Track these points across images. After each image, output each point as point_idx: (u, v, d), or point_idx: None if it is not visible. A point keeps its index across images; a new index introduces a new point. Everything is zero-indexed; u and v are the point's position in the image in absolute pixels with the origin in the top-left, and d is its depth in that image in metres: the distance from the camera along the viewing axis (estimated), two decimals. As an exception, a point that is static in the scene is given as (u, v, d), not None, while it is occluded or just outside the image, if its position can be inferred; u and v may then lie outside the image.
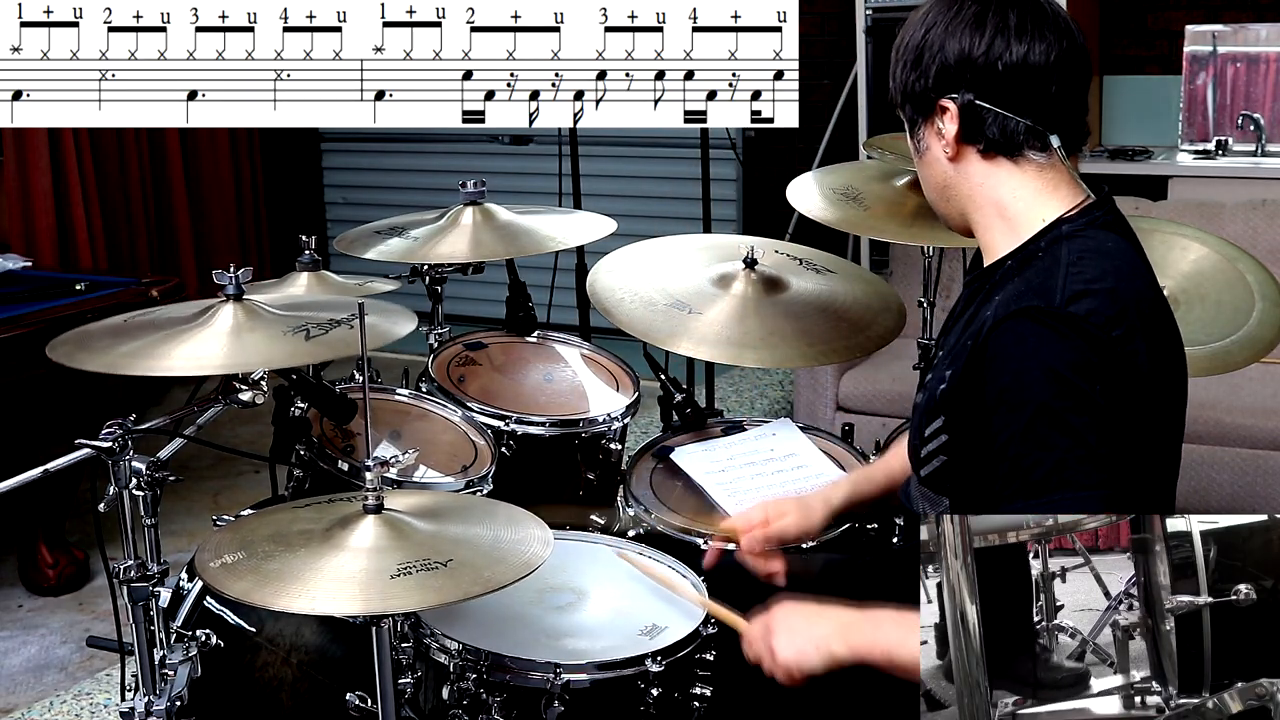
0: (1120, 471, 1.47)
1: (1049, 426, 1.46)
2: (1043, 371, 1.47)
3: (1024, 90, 1.57)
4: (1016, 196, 1.62)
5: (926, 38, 1.60)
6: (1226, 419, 3.49)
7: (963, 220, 1.70)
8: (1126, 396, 1.49)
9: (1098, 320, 1.48)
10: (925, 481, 1.68)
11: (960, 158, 1.63)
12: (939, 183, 1.69)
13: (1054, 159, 1.61)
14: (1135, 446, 1.51)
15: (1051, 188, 1.62)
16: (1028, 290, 1.53)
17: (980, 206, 1.65)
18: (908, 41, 1.64)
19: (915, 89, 1.63)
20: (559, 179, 3.91)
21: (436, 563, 1.57)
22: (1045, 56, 1.56)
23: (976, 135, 1.60)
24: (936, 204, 1.73)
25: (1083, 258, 1.55)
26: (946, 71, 1.59)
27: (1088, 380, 1.46)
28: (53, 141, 4.65)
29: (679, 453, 2.43)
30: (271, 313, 1.93)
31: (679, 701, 1.87)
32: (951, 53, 1.58)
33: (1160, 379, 1.55)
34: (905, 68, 1.64)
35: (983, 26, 1.57)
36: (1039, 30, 1.56)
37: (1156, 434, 1.57)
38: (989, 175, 1.63)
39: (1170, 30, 4.56)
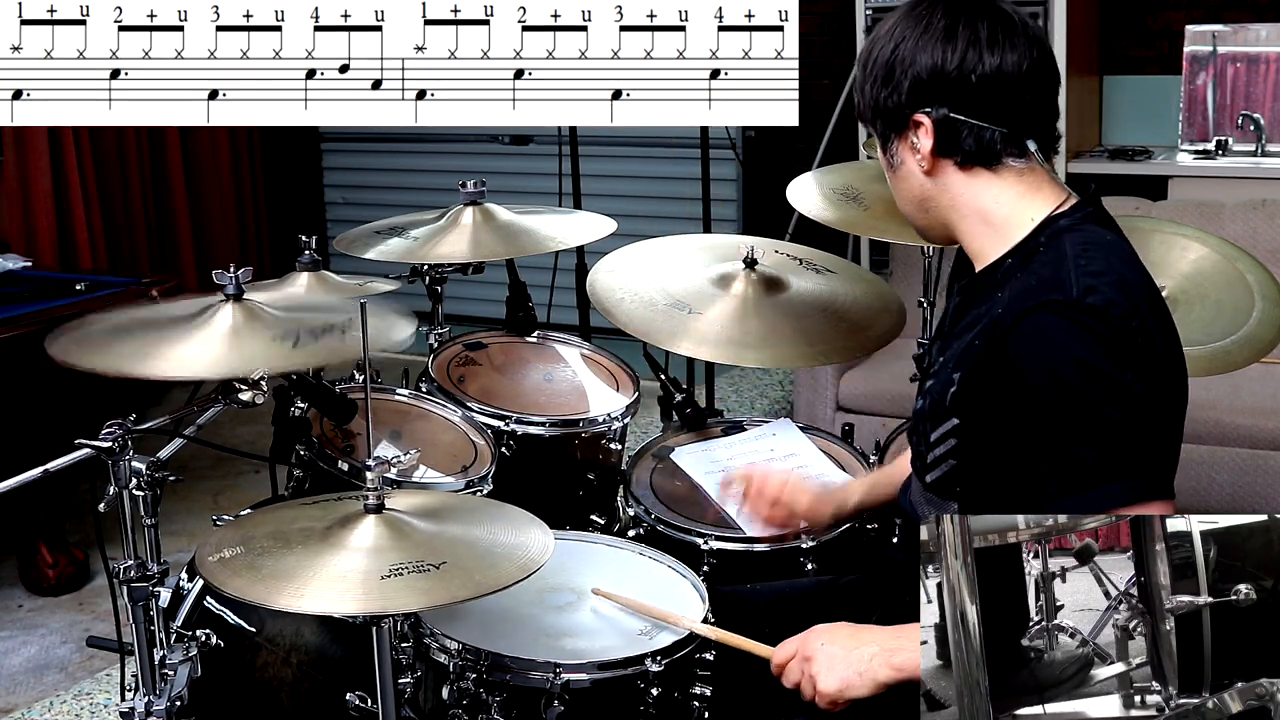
0: (1156, 456, 1.48)
1: (1089, 418, 1.46)
2: (1074, 364, 1.46)
3: (999, 100, 1.57)
4: (1000, 202, 1.62)
5: (897, 52, 1.59)
6: (1226, 419, 3.49)
7: (944, 231, 1.69)
8: (1150, 385, 1.49)
9: (1118, 311, 1.48)
10: (931, 487, 1.67)
11: (936, 171, 1.63)
12: (916, 196, 1.68)
13: (1033, 163, 1.62)
14: (1165, 432, 1.51)
15: (1034, 189, 1.62)
16: (1039, 284, 1.52)
17: (964, 216, 1.65)
18: (876, 57, 1.62)
19: (888, 105, 1.62)
20: (559, 179, 3.91)
21: (429, 564, 1.57)
22: (1018, 66, 1.56)
23: (952, 148, 1.60)
24: (914, 217, 1.72)
25: (1087, 250, 1.55)
26: (920, 86, 1.58)
27: (1119, 368, 1.46)
28: (53, 141, 4.65)
29: (679, 453, 2.43)
30: (271, 313, 1.93)
31: (679, 701, 1.86)
32: (924, 67, 1.57)
33: (1172, 371, 1.55)
34: (876, 84, 1.63)
35: (954, 39, 1.56)
36: (1010, 40, 1.56)
37: (1170, 425, 1.57)
38: (968, 186, 1.63)
39: (1170, 30, 4.55)
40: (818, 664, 1.65)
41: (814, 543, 2.18)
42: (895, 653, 1.60)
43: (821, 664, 1.64)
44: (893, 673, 1.60)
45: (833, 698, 1.63)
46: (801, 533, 2.14)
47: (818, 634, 1.68)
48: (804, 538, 2.18)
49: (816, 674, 1.64)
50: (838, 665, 1.63)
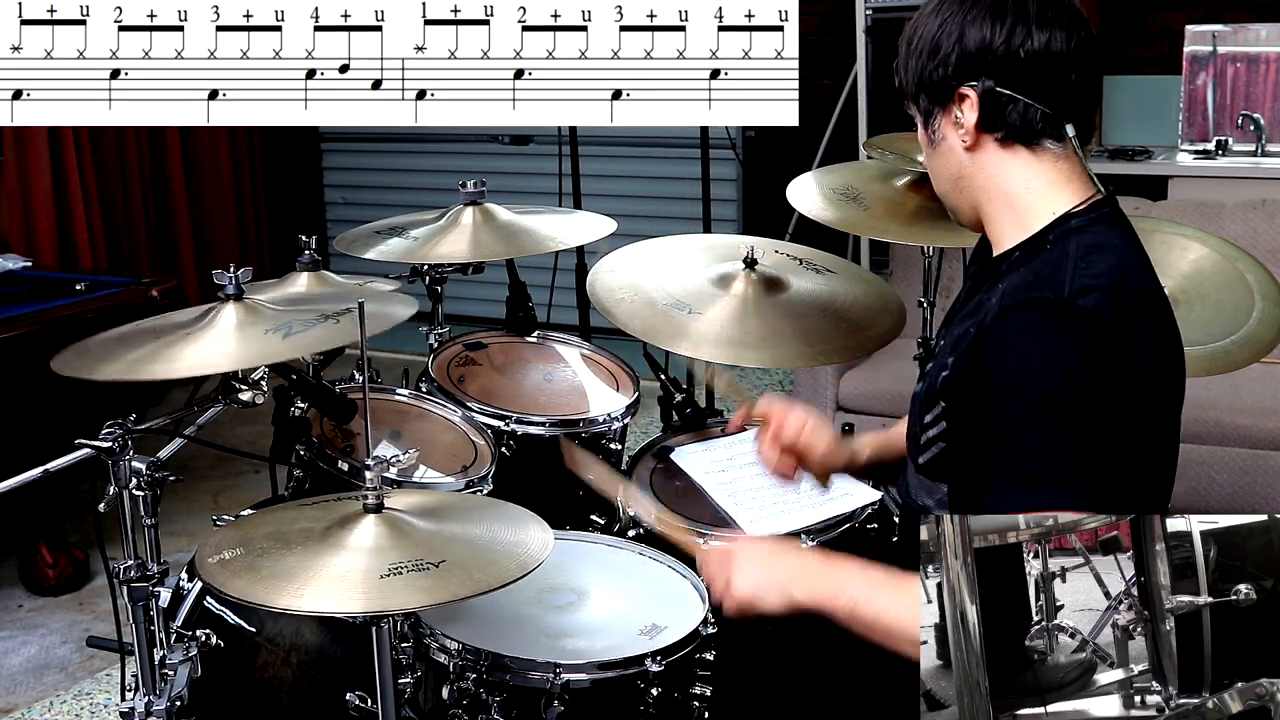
0: (1108, 469, 1.47)
1: (1049, 418, 1.46)
2: (1048, 363, 1.47)
3: (1044, 78, 1.58)
4: (1029, 188, 1.63)
5: (945, 27, 1.61)
6: (1226, 419, 3.49)
7: (973, 213, 1.70)
8: (1127, 392, 1.49)
9: (1105, 315, 1.49)
10: (923, 469, 1.68)
11: (977, 146, 1.63)
12: (953, 173, 1.69)
13: (1069, 149, 1.62)
14: (1132, 443, 1.51)
15: (1064, 180, 1.63)
16: (1035, 280, 1.54)
17: (993, 198, 1.66)
18: (921, 33, 1.64)
19: (933, 78, 1.63)
20: (559, 179, 3.92)
21: (428, 563, 1.57)
22: (1066, 45, 1.57)
23: (996, 123, 1.61)
24: (948, 196, 1.72)
25: (1091, 252, 1.55)
26: (967, 59, 1.59)
27: (1091, 374, 1.47)
28: (53, 141, 4.65)
29: (679, 453, 2.43)
30: (272, 310, 1.93)
31: (679, 701, 1.87)
32: (972, 41, 1.59)
33: (1161, 377, 1.56)
34: (920, 58, 1.64)
35: (1003, 15, 1.58)
36: (1059, 19, 1.58)
37: (1155, 431, 1.57)
38: (1004, 164, 1.63)
39: (1170, 30, 4.55)
40: (737, 567, 1.64)
41: (814, 542, 2.18)
42: (816, 576, 1.59)
43: (741, 568, 1.64)
44: (808, 594, 1.58)
45: (743, 601, 1.62)
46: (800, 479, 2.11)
47: (748, 543, 1.68)
48: (804, 538, 2.18)
49: (733, 576, 1.64)
50: (757, 572, 1.63)
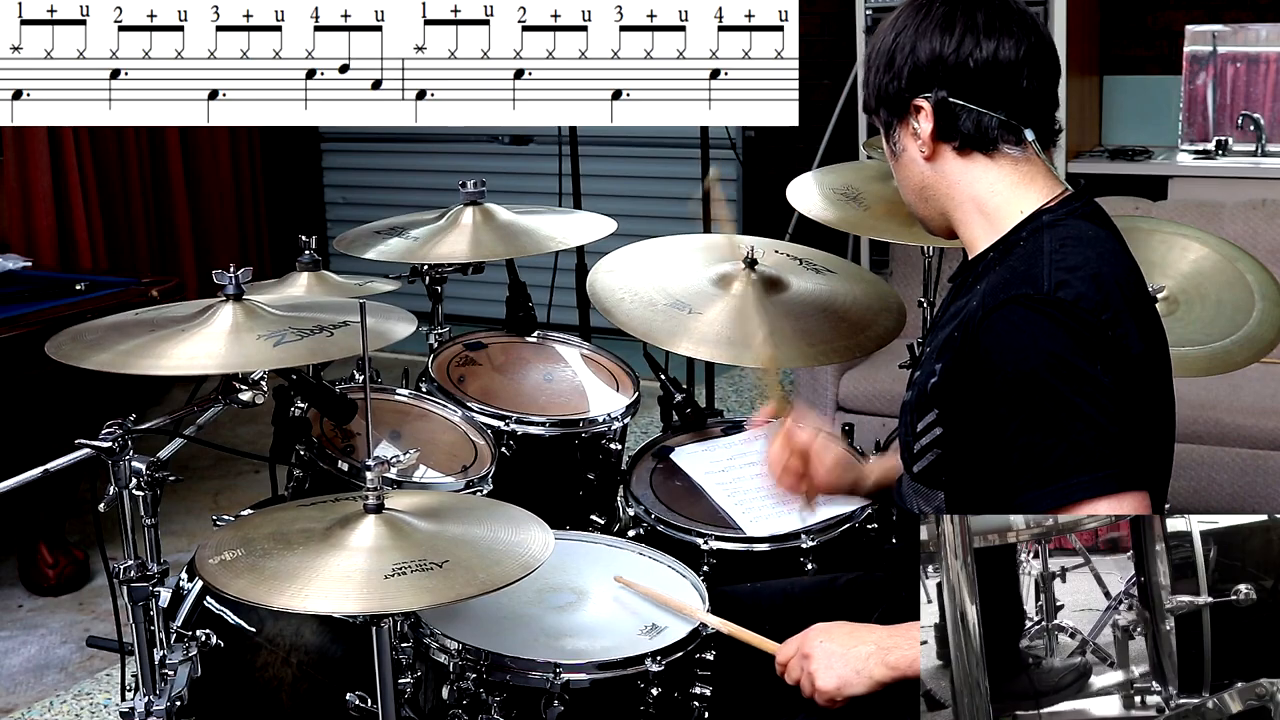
0: (1129, 449, 1.48)
1: (1057, 411, 1.47)
2: (1043, 357, 1.48)
3: (995, 85, 1.61)
4: (994, 191, 1.65)
5: (898, 41, 1.64)
6: (1226, 419, 3.49)
7: (943, 220, 1.72)
8: (1122, 379, 1.50)
9: (1087, 305, 1.50)
10: (918, 478, 1.69)
11: (936, 156, 1.66)
12: (917, 184, 1.71)
13: (1029, 152, 1.64)
14: (1135, 427, 1.52)
15: (1028, 180, 1.64)
16: (1013, 278, 1.55)
17: (960, 204, 1.67)
18: (879, 47, 1.68)
19: (889, 91, 1.66)
20: (559, 179, 3.92)
21: (432, 563, 1.57)
22: (1015, 52, 1.60)
23: (951, 132, 1.63)
24: (915, 207, 1.75)
25: (1065, 245, 1.57)
26: (919, 71, 1.62)
27: (1088, 361, 1.47)
28: (53, 141, 4.65)
29: (679, 453, 2.43)
30: (270, 314, 1.93)
31: (679, 701, 1.87)
32: (923, 53, 1.62)
33: (1150, 363, 1.56)
34: (878, 72, 1.68)
35: (952, 26, 1.60)
36: (1006, 27, 1.60)
37: (1149, 419, 1.57)
38: (965, 172, 1.65)
39: (1170, 30, 4.55)
40: (816, 661, 1.66)
41: (814, 543, 2.18)
42: (891, 651, 1.62)
43: (819, 661, 1.66)
44: (889, 671, 1.61)
45: (830, 695, 1.65)
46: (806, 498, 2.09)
47: (817, 632, 1.69)
48: (804, 538, 2.18)
49: (815, 671, 1.66)
50: (835, 663, 1.64)
